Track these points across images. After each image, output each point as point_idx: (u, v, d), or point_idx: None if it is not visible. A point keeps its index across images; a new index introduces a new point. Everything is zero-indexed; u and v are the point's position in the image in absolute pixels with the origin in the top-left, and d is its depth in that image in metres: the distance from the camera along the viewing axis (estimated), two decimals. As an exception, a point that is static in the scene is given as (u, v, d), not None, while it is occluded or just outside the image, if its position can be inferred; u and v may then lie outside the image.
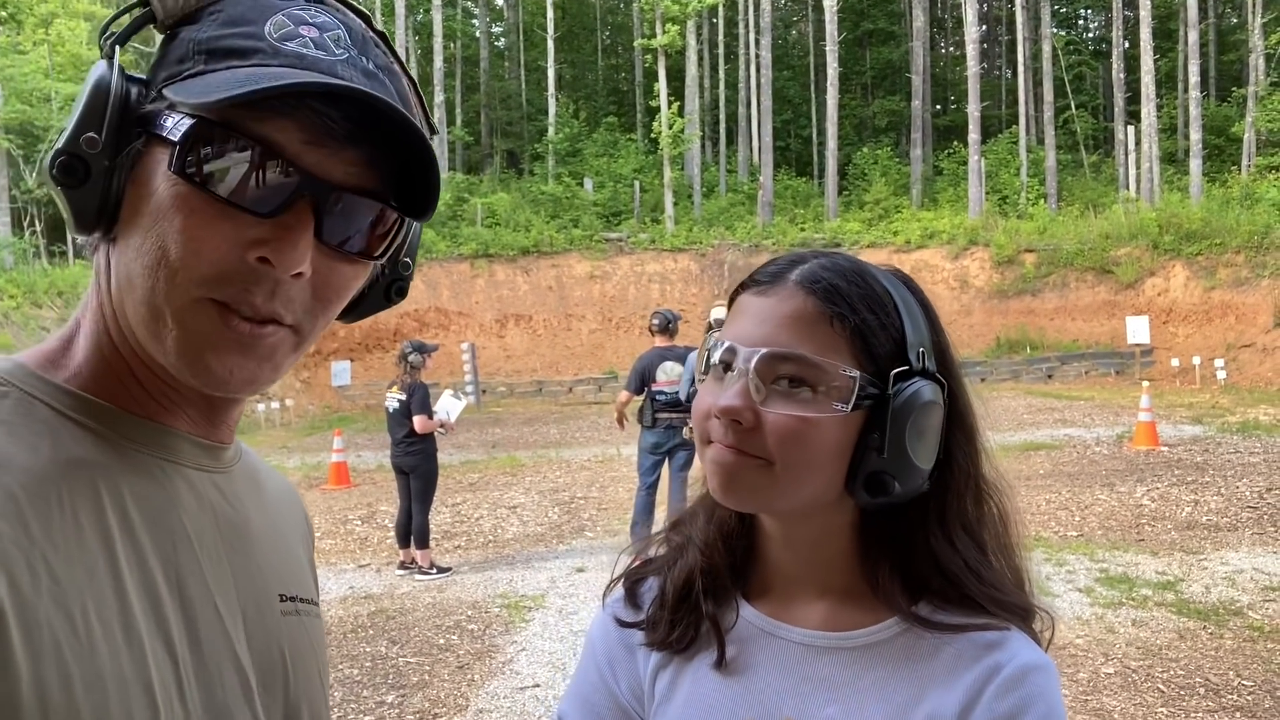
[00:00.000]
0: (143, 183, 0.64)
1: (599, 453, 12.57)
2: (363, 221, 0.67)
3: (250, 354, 0.65)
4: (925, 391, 0.79)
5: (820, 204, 28.92)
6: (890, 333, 0.80)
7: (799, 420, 0.77)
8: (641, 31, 33.00)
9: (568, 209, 27.46)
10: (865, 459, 0.78)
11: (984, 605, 0.81)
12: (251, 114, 0.61)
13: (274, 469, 0.90)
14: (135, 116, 0.64)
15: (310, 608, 0.81)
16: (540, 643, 5.37)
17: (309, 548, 0.90)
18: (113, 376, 0.68)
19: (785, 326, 0.79)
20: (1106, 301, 21.09)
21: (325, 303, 0.68)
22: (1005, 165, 28.97)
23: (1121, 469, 9.80)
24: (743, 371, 0.78)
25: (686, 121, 28.13)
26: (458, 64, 35.84)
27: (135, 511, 0.65)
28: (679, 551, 0.94)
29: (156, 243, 0.62)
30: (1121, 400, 15.61)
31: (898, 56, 37.64)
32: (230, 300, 0.63)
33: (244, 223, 0.62)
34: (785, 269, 0.83)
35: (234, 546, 0.73)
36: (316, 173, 0.63)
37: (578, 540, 7.90)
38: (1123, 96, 29.26)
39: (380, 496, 9.72)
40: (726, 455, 0.79)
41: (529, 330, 23.35)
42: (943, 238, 23.86)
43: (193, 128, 0.61)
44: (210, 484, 0.73)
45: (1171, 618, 5.37)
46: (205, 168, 0.61)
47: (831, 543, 0.85)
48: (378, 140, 0.65)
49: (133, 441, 0.67)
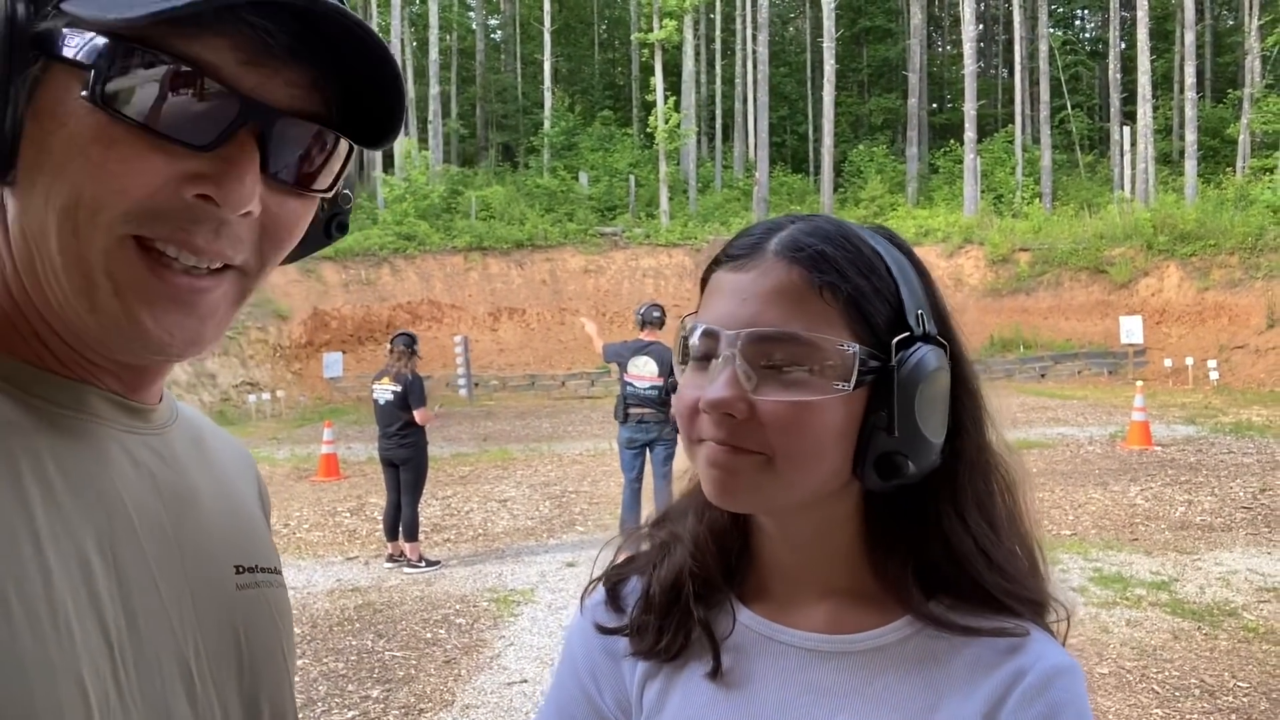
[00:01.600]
0: (46, 114, 0.54)
1: (591, 447, 12.51)
2: (311, 151, 0.59)
3: (192, 312, 0.57)
4: (930, 358, 0.71)
5: (815, 200, 28.88)
6: (886, 297, 0.71)
7: (797, 405, 0.68)
8: (639, 26, 32.92)
9: (562, 203, 27.37)
10: (873, 439, 0.70)
11: (996, 596, 0.74)
12: (176, 30, 0.53)
13: (220, 428, 0.81)
14: (27, 38, 0.54)
15: (272, 577, 0.73)
16: (529, 638, 5.30)
17: (267, 511, 0.82)
18: (15, 333, 0.59)
19: (770, 303, 0.70)
20: (1100, 301, 21.11)
21: (276, 242, 0.60)
22: (1001, 164, 28.99)
23: (1115, 468, 9.78)
24: (729, 358, 0.69)
25: (682, 117, 28.07)
26: (453, 56, 35.71)
27: (58, 476, 0.57)
28: (664, 549, 0.85)
29: (70, 180, 0.54)
30: (1114, 400, 15.62)
31: (895, 54, 37.62)
32: (163, 239, 0.55)
33: (177, 154, 0.54)
34: (762, 239, 0.74)
35: (179, 516, 0.65)
36: (257, 96, 0.55)
37: (568, 534, 7.84)
38: (1119, 97, 29.29)
39: (370, 489, 9.65)
40: (721, 454, 0.70)
41: (522, 324, 23.28)
42: (937, 236, 23.85)
43: (108, 48, 0.53)
44: (145, 447, 0.65)
45: (1166, 618, 5.33)
46: (127, 95, 0.53)
47: (835, 535, 0.77)
48: (323, 56, 0.57)
49: (48, 401, 0.59)
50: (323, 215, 0.69)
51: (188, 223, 0.55)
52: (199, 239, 0.55)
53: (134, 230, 0.55)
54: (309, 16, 0.55)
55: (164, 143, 0.54)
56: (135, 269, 0.55)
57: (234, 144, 0.55)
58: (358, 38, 0.56)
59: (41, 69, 0.54)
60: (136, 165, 0.54)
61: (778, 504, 0.73)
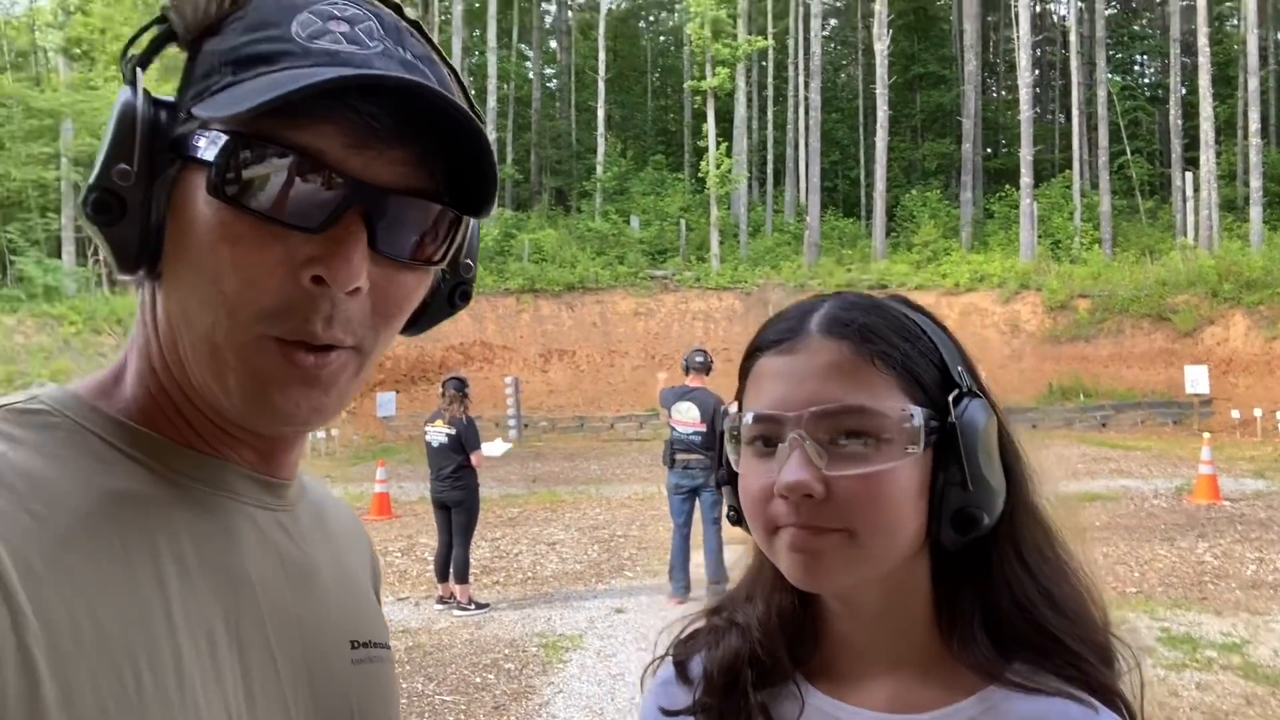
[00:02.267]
0: (182, 211, 0.59)
1: (639, 490, 12.46)
2: (418, 225, 0.62)
3: (316, 385, 0.60)
4: (981, 410, 0.73)
5: (867, 245, 28.75)
6: (930, 358, 0.74)
7: (873, 477, 0.69)
8: (691, 74, 33.37)
9: (614, 246, 27.62)
10: (947, 496, 0.71)
11: (1064, 641, 0.73)
12: (287, 122, 0.56)
13: (338, 500, 0.85)
14: (167, 141, 0.59)
15: (382, 652, 0.75)
16: (578, 685, 5.26)
17: (378, 584, 0.85)
18: (161, 413, 0.64)
19: (827, 379, 0.71)
20: (1163, 350, 20.57)
21: (387, 317, 0.63)
22: (1058, 209, 28.57)
23: (1182, 523, 9.45)
24: (796, 439, 0.70)
25: (734, 162, 28.26)
26: (510, 104, 36.52)
27: (192, 553, 0.60)
28: (721, 631, 0.85)
29: (208, 276, 0.58)
30: (1179, 451, 15.13)
31: (949, 100, 37.51)
32: (291, 335, 0.58)
33: (294, 242, 0.57)
34: (800, 320, 0.76)
35: (301, 593, 0.67)
36: (363, 177, 0.58)
37: (617, 580, 7.79)
38: (1180, 142, 28.76)
39: (420, 529, 9.72)
40: (804, 538, 0.70)
41: (572, 365, 23.41)
42: (993, 281, 23.54)
43: (227, 144, 0.56)
44: (275, 523, 0.68)
45: (1238, 682, 5.10)
46: (244, 186, 0.57)
47: (906, 602, 0.77)
48: (426, 134, 0.60)
49: (189, 477, 0.63)
50: (445, 285, 0.72)
51: (309, 312, 0.58)
52: (316, 326, 0.58)
53: (268, 330, 0.58)
54: (412, 98, 0.58)
55: (280, 230, 0.57)
56: (270, 360, 0.59)
57: (341, 224, 0.58)
58: (452, 116, 0.59)
59: (178, 170, 0.59)
60: (260, 257, 0.57)
61: (864, 577, 0.73)
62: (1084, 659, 0.74)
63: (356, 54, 0.59)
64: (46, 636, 0.49)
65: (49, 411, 0.60)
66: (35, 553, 0.51)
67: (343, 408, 0.64)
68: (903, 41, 36.50)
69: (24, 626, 0.49)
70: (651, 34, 45.76)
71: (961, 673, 0.75)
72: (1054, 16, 40.19)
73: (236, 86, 0.57)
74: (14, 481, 0.54)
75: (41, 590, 0.50)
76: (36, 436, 0.58)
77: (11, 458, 0.55)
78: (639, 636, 6.14)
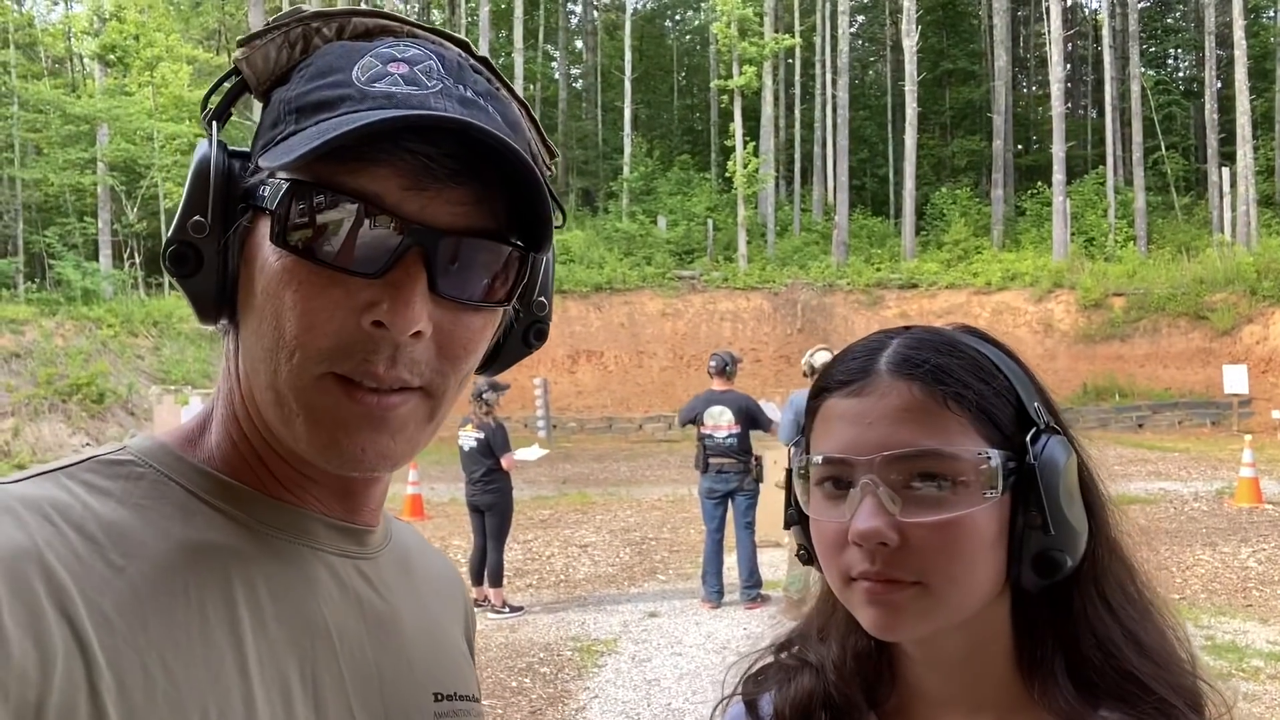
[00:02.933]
0: (253, 260, 0.60)
1: (669, 492, 12.45)
2: (480, 265, 0.61)
3: (382, 428, 0.59)
4: (1060, 448, 0.70)
5: (896, 244, 28.52)
6: (1006, 397, 0.72)
7: (948, 524, 0.67)
8: (718, 73, 33.30)
9: (641, 246, 27.62)
10: (1026, 540, 0.69)
11: (1150, 686, 0.70)
12: (344, 167, 0.56)
13: (434, 549, 0.84)
14: (239, 192, 0.60)
15: (469, 705, 0.74)
16: (613, 690, 5.25)
17: (471, 634, 0.84)
18: (243, 461, 0.64)
19: (898, 422, 0.69)
20: (1201, 349, 20.23)
21: (454, 360, 0.61)
22: (1091, 206, 28.19)
23: (1223, 527, 9.28)
24: (868, 485, 0.68)
25: (761, 161, 28.15)
26: (536, 105, 36.63)
27: (269, 602, 0.60)
28: (792, 671, 0.83)
29: (272, 322, 0.58)
30: (1219, 453, 14.86)
31: (979, 96, 37.14)
32: (352, 373, 0.58)
33: (355, 286, 0.57)
34: (869, 360, 0.73)
35: (382, 642, 0.67)
36: (421, 220, 0.58)
37: (650, 583, 7.78)
38: (1216, 137, 28.29)
39: (453, 530, 9.76)
40: (880, 592, 0.68)
41: (600, 366, 23.44)
42: (1025, 280, 23.26)
43: (286, 192, 0.57)
44: (355, 571, 0.67)
45: (1289, 693, 4.99)
46: (305, 233, 0.57)
47: (987, 649, 0.74)
48: (484, 173, 0.59)
49: (269, 526, 0.63)
50: (519, 324, 0.71)
51: (369, 352, 0.57)
52: (378, 367, 0.58)
53: (328, 369, 0.58)
54: (467, 137, 0.57)
55: (340, 275, 0.57)
56: (331, 398, 0.58)
57: (400, 268, 0.57)
58: (505, 152, 0.58)
59: (249, 219, 0.60)
60: (320, 302, 0.57)
61: (942, 626, 0.71)
62: (1172, 706, 0.71)
63: (414, 95, 0.58)
64: (119, 687, 0.50)
65: (135, 462, 0.61)
66: (111, 603, 0.52)
67: (414, 454, 0.63)
68: (932, 37, 36.16)
69: (98, 677, 0.50)
70: (677, 33, 45.67)
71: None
72: (1085, 10, 39.65)
73: (298, 134, 0.57)
74: (95, 532, 0.55)
75: (115, 640, 0.51)
76: (122, 487, 0.59)
77: (96, 508, 0.56)
78: (673, 641, 6.13)
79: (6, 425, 14.88)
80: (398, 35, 0.63)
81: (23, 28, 29.76)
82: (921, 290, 23.88)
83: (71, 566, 0.52)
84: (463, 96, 0.60)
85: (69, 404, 16.02)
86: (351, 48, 0.61)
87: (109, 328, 18.36)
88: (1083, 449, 0.77)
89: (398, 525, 0.77)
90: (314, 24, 0.63)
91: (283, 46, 0.62)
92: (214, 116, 0.63)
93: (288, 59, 0.62)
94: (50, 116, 24.25)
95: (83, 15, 27.45)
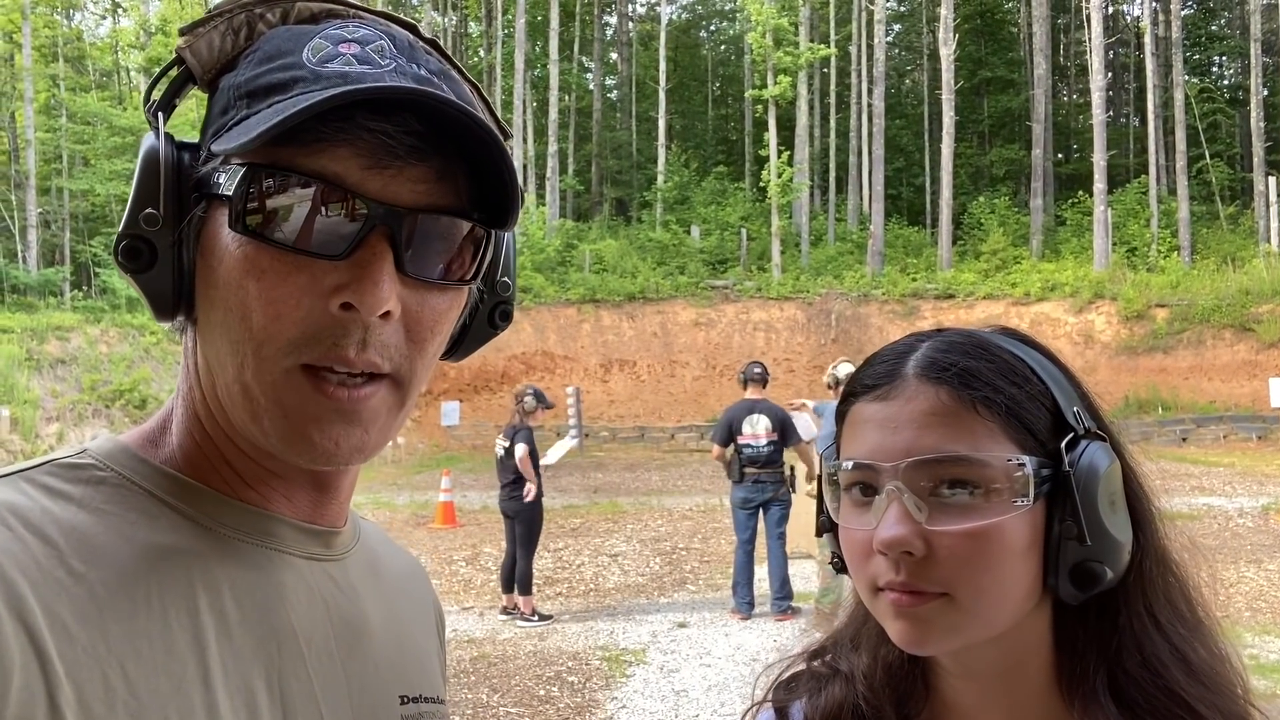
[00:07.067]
0: (210, 251, 0.58)
1: (701, 502, 12.40)
2: (445, 243, 0.60)
3: (355, 421, 0.58)
4: (1101, 454, 0.67)
5: (933, 253, 28.21)
6: (1041, 401, 0.69)
7: (976, 533, 0.65)
8: (752, 82, 33.25)
9: (674, 256, 27.61)
10: (1063, 550, 0.66)
11: (1198, 710, 0.67)
12: (303, 149, 0.55)
13: (399, 547, 0.82)
14: (192, 182, 0.58)
15: (435, 707, 0.73)
16: (641, 700, 5.23)
17: (440, 634, 0.82)
18: (207, 461, 0.62)
19: (925, 427, 0.67)
20: (1247, 361, 19.76)
21: (421, 341, 0.60)
22: (1134, 216, 27.67)
23: (1269, 544, 9.04)
24: (893, 491, 0.66)
25: (796, 170, 28.03)
26: (571, 116, 36.84)
27: (234, 609, 0.58)
28: (824, 680, 0.81)
29: (236, 314, 0.57)
30: (1265, 468, 14.50)
31: (1018, 105, 36.70)
32: (321, 361, 0.56)
33: (320, 270, 0.56)
34: (897, 363, 0.71)
35: (349, 646, 0.66)
36: (384, 199, 0.56)
37: (679, 593, 7.74)
38: (1262, 146, 27.64)
39: (485, 538, 9.80)
40: (906, 604, 0.66)
41: (633, 376, 23.44)
42: (1065, 290, 22.90)
43: (244, 176, 0.55)
44: (323, 574, 0.66)
45: (1338, 717, 4.83)
46: (265, 217, 0.55)
47: (1024, 661, 0.71)
48: (444, 149, 0.58)
49: (234, 529, 0.61)
50: (484, 306, 0.71)
51: (339, 337, 0.56)
52: (349, 351, 0.56)
53: (298, 360, 0.57)
54: (424, 111, 0.56)
55: (304, 259, 0.56)
56: (301, 393, 0.57)
57: (366, 249, 0.56)
58: (465, 125, 0.57)
59: (204, 210, 0.59)
60: (285, 289, 0.56)
61: (973, 639, 0.69)
62: None
63: (368, 73, 0.57)
64: (78, 698, 0.49)
65: (96, 465, 0.59)
66: (70, 611, 0.51)
67: (385, 444, 0.62)
68: (969, 46, 35.83)
69: (56, 688, 0.48)
70: (712, 43, 45.71)
71: None
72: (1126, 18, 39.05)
73: (251, 118, 0.56)
74: (54, 538, 0.53)
75: (75, 650, 0.50)
76: (82, 491, 0.57)
77: (56, 513, 0.55)
78: (702, 652, 6.09)
79: (51, 430, 15.22)
80: (344, 18, 0.63)
81: (71, 41, 30.56)
82: (958, 300, 23.60)
83: (30, 573, 0.51)
84: (417, 75, 0.59)
85: (112, 409, 16.36)
86: (299, 30, 0.60)
87: (152, 335, 18.73)
88: (1130, 456, 0.73)
89: (365, 525, 0.76)
90: (257, 9, 0.62)
91: (226, 33, 0.61)
92: (159, 108, 0.62)
93: (232, 45, 0.61)
94: (97, 129, 24.84)
95: (130, 29, 28.12)
